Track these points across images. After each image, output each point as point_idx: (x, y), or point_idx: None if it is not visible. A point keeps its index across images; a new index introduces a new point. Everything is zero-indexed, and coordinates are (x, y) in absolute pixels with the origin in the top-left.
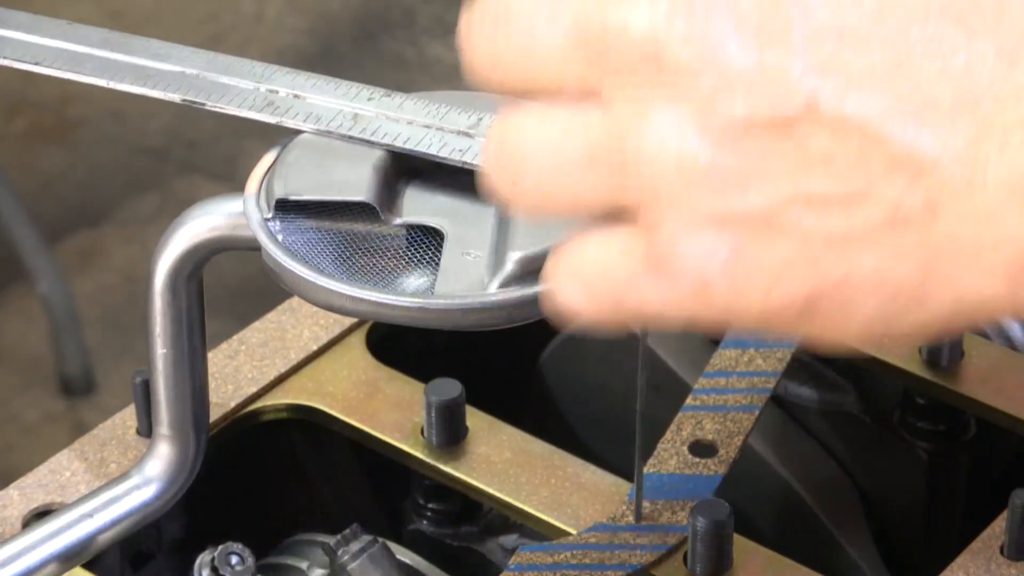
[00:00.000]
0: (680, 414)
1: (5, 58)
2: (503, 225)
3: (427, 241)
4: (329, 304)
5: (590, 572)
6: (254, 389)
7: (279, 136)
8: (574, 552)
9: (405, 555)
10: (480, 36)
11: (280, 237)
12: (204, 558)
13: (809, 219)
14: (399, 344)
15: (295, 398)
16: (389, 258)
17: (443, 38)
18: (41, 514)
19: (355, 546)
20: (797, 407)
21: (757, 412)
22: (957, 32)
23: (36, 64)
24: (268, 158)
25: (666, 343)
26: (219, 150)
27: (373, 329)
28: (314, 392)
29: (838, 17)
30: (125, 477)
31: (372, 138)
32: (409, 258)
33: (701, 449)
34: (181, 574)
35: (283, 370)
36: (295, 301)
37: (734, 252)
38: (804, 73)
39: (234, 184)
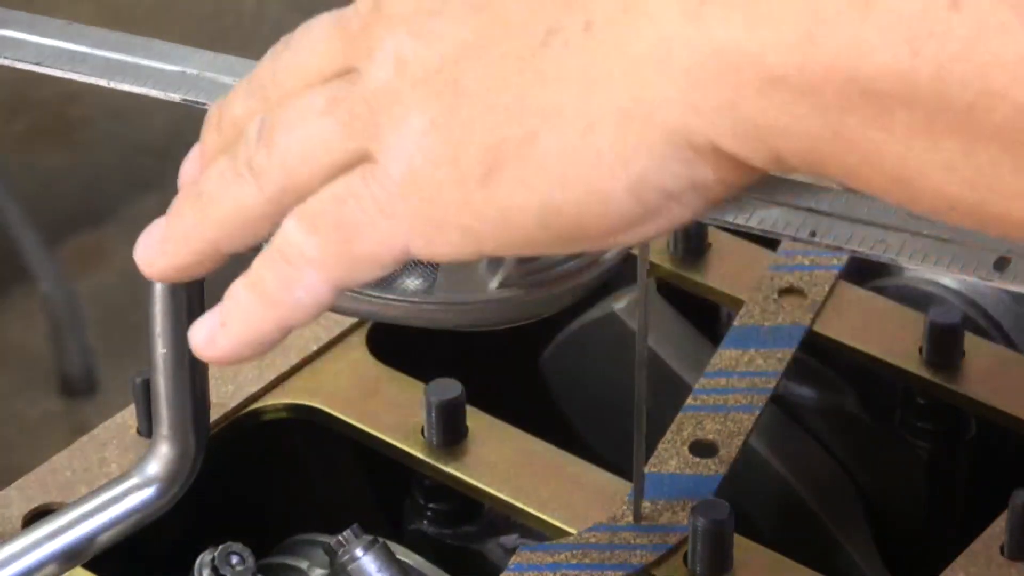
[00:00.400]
0: (680, 414)
1: (5, 58)
2: None
3: None
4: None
5: (590, 572)
6: (254, 389)
7: None
8: (574, 552)
9: (405, 555)
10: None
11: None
12: (204, 558)
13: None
14: (399, 344)
15: (295, 398)
16: None
17: None
18: (41, 514)
19: (355, 546)
20: (797, 407)
21: (758, 412)
22: None
23: (36, 64)
24: None
25: (667, 343)
26: None
27: (374, 329)
28: (314, 392)
29: None
30: (125, 477)
31: None
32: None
33: (701, 449)
34: (182, 574)
35: (283, 370)
36: None
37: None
38: None
39: None
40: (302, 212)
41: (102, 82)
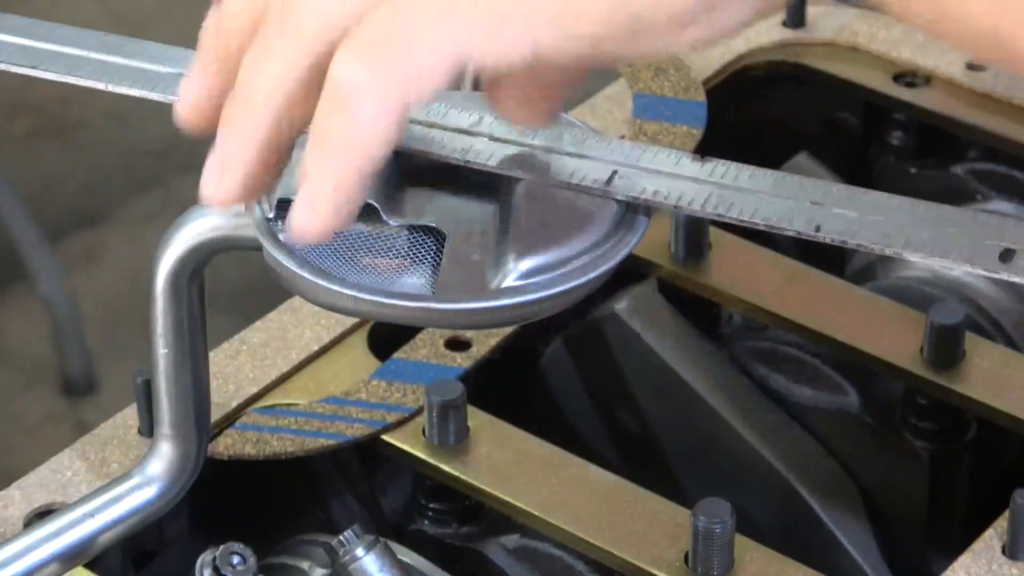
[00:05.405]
0: None
1: (2, 62)
2: (504, 226)
3: (428, 241)
4: (330, 304)
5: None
6: (255, 389)
7: None
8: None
9: (406, 555)
10: None
11: (281, 237)
12: (206, 558)
13: None
14: (400, 344)
15: (296, 398)
16: (390, 258)
17: None
18: (43, 514)
19: (356, 546)
20: (798, 407)
21: None
22: None
23: (34, 68)
24: None
25: (667, 343)
26: None
27: (375, 329)
28: (315, 392)
29: None
30: (127, 477)
31: None
32: (410, 258)
33: (456, 345)
34: (183, 574)
35: (284, 370)
36: (296, 301)
37: None
38: None
39: None
40: (348, 44)
41: (100, 85)
